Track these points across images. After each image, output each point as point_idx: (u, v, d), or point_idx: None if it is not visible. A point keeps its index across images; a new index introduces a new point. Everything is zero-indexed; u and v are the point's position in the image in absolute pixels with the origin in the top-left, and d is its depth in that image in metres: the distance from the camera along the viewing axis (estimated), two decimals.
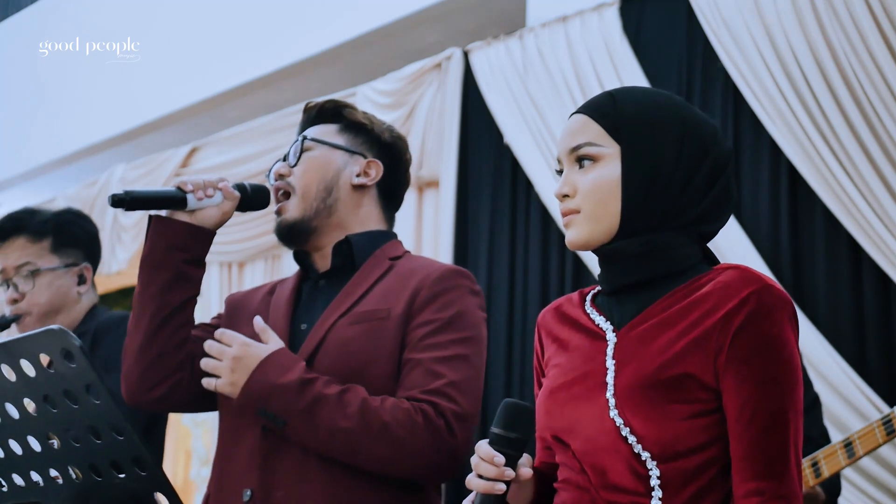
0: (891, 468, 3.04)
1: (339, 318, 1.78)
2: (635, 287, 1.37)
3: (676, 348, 1.30)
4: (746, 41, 3.42)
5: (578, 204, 1.36)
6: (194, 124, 6.22)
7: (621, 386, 1.31)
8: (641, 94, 1.41)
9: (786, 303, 1.30)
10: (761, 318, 1.28)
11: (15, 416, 1.31)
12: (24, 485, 1.36)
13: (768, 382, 1.26)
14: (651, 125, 1.36)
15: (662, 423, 1.28)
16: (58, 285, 2.40)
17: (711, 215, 1.38)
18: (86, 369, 1.22)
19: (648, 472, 1.28)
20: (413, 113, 4.48)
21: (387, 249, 1.89)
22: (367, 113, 1.98)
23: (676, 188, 1.34)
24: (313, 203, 1.86)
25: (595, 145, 1.36)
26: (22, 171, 7.21)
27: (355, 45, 5.29)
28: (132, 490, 1.29)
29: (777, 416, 1.26)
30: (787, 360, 1.27)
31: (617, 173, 1.35)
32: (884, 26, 3.11)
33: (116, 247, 5.82)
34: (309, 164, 1.88)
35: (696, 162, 1.36)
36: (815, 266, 3.27)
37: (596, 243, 1.37)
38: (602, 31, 3.87)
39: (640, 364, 1.31)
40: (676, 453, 1.27)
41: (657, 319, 1.33)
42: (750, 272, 1.32)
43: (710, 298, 1.31)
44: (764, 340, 1.27)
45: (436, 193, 4.42)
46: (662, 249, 1.35)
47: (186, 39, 6.21)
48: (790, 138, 3.29)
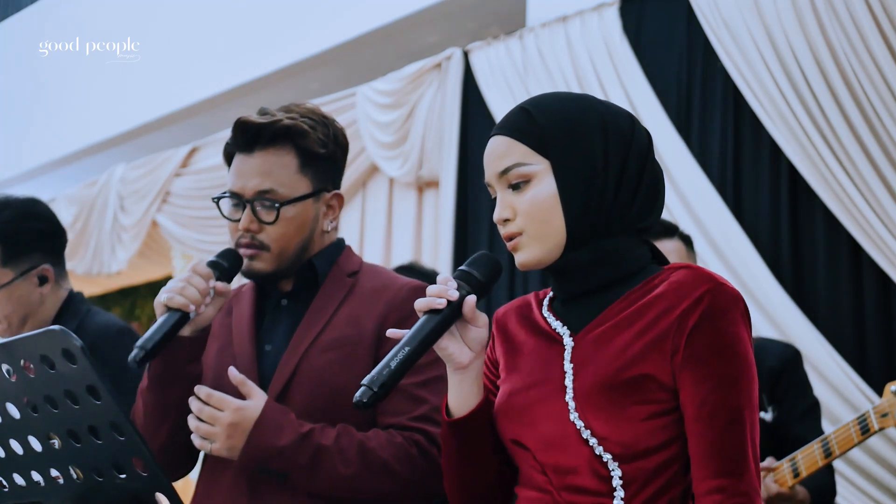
0: (889, 467, 3.04)
1: (310, 347, 1.77)
2: (590, 293, 1.37)
3: (634, 350, 1.30)
4: (746, 41, 3.42)
5: (521, 226, 1.35)
6: (194, 124, 6.23)
7: (580, 389, 1.31)
8: (555, 102, 1.38)
9: (738, 300, 1.30)
10: (716, 317, 1.28)
11: (16, 416, 1.31)
12: (25, 485, 1.36)
13: (725, 381, 1.28)
14: (573, 132, 1.34)
15: (623, 424, 1.28)
16: (17, 296, 2.31)
17: (647, 208, 1.37)
18: (87, 369, 1.22)
19: (610, 472, 1.29)
20: (413, 113, 4.48)
21: (342, 263, 1.87)
22: (314, 126, 1.85)
23: (612, 188, 1.34)
24: (288, 262, 1.82)
25: (524, 164, 1.34)
26: (22, 171, 7.22)
27: (355, 45, 5.29)
28: (133, 490, 1.29)
29: (734, 415, 1.27)
30: (742, 358, 1.28)
31: (553, 188, 1.33)
32: (884, 26, 3.11)
33: (116, 247, 5.82)
34: (286, 226, 1.79)
35: (622, 155, 1.34)
36: (815, 266, 3.27)
37: (548, 261, 1.35)
38: (602, 30, 3.87)
39: (598, 367, 1.31)
40: (637, 453, 1.28)
41: (613, 322, 1.33)
42: (702, 271, 1.33)
43: (664, 299, 1.31)
44: (720, 339, 1.28)
45: (436, 193, 4.42)
46: (612, 255, 1.35)
47: (186, 39, 6.21)
48: (790, 138, 3.29)
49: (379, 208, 4.63)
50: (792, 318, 3.23)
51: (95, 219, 5.91)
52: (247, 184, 1.81)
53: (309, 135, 1.82)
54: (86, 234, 5.99)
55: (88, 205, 5.94)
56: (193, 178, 5.46)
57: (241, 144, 1.83)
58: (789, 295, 3.27)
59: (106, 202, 5.89)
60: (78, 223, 6.03)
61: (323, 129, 1.86)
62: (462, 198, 4.28)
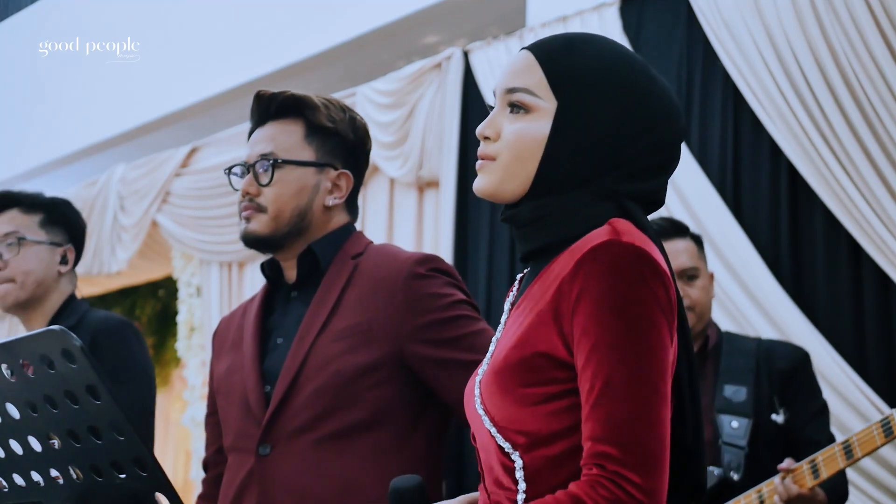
0: (891, 469, 3.04)
1: (318, 336, 1.76)
2: (538, 255, 1.25)
3: (525, 326, 1.18)
4: (746, 41, 3.42)
5: (497, 150, 1.25)
6: (194, 124, 6.23)
7: (485, 376, 1.21)
8: (600, 51, 1.25)
9: (631, 255, 1.12)
10: (601, 276, 1.12)
11: (16, 416, 1.31)
12: (25, 485, 1.36)
13: (601, 348, 1.10)
14: (599, 90, 1.22)
15: (517, 409, 1.16)
16: (41, 258, 2.43)
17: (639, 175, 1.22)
18: (87, 369, 1.22)
19: (513, 463, 1.17)
20: (413, 113, 4.48)
21: (348, 247, 1.86)
22: (327, 105, 1.88)
23: (603, 160, 1.21)
24: (285, 227, 1.83)
25: (532, 94, 1.24)
26: (22, 171, 7.22)
27: (355, 45, 5.29)
28: (133, 490, 1.29)
29: (610, 383, 1.09)
30: (627, 322, 1.11)
31: (544, 132, 1.22)
32: (884, 26, 3.11)
33: (116, 247, 5.81)
34: (282, 186, 1.82)
35: (633, 137, 1.22)
36: (815, 266, 3.27)
37: (502, 197, 1.25)
38: (602, 31, 3.87)
39: (500, 350, 1.20)
40: (537, 440, 1.15)
41: (534, 294, 1.21)
42: (609, 226, 1.16)
43: (561, 261, 1.18)
44: (602, 302, 1.11)
45: (436, 193, 4.42)
46: (556, 214, 1.22)
47: (186, 39, 6.21)
48: (790, 138, 3.29)
49: (379, 208, 4.63)
50: (791, 317, 3.23)
51: (95, 219, 5.91)
52: (252, 151, 1.86)
53: (318, 108, 1.85)
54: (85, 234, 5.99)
55: (88, 205, 5.93)
56: (193, 178, 5.46)
57: (255, 117, 1.89)
58: (789, 295, 3.26)
59: (106, 202, 5.89)
60: None
61: (338, 111, 1.88)
62: (462, 198, 4.28)
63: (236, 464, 1.80)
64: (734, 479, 2.38)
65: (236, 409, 1.82)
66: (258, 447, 1.75)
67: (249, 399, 1.79)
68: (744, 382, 2.49)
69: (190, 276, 5.52)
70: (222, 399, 1.88)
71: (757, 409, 2.46)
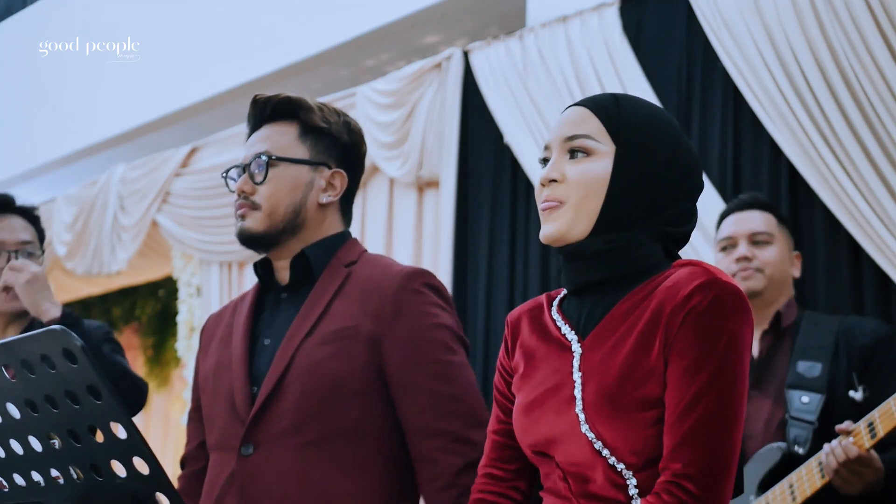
0: None
1: (305, 339, 1.77)
2: (597, 287, 1.36)
3: (638, 366, 1.29)
4: (746, 41, 3.42)
5: (565, 192, 1.36)
6: (194, 124, 6.23)
7: (588, 400, 1.31)
8: (644, 104, 1.43)
9: (733, 295, 1.28)
10: (703, 313, 1.26)
11: (16, 416, 1.32)
12: (25, 485, 1.36)
13: (703, 370, 1.25)
14: (650, 136, 1.38)
15: (632, 432, 1.28)
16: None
17: (680, 218, 1.41)
18: (87, 369, 1.23)
19: (626, 481, 1.29)
20: (413, 113, 4.48)
21: (342, 255, 1.88)
22: (321, 108, 1.92)
23: (657, 199, 1.37)
24: (280, 224, 1.85)
25: (593, 139, 1.37)
26: (22, 171, 7.21)
27: (355, 45, 5.29)
28: (133, 490, 1.29)
29: (698, 403, 1.24)
30: (722, 352, 1.25)
31: (607, 171, 1.35)
32: (884, 26, 3.11)
33: (116, 247, 5.81)
34: (276, 184, 1.85)
35: (679, 180, 1.39)
36: (815, 266, 3.26)
37: (569, 239, 1.36)
38: (602, 31, 3.87)
39: (604, 377, 1.31)
40: (650, 460, 1.28)
41: (618, 325, 1.33)
42: (700, 267, 1.32)
43: (657, 297, 1.31)
44: (702, 333, 1.26)
45: (436, 193, 4.42)
46: (624, 248, 1.35)
47: (186, 39, 6.21)
48: (790, 138, 3.29)
49: (379, 208, 4.62)
50: None
51: (95, 219, 5.90)
52: (248, 152, 1.89)
53: (312, 110, 1.89)
54: (85, 234, 5.99)
55: (88, 205, 5.93)
56: (193, 178, 5.45)
57: (251, 121, 1.93)
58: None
59: (106, 202, 5.89)
60: (78, 223, 6.02)
61: (332, 114, 1.92)
62: (462, 198, 4.27)
63: (219, 463, 1.80)
64: (799, 453, 2.34)
65: (222, 407, 1.82)
66: (241, 447, 1.75)
67: (236, 398, 1.79)
68: (819, 359, 2.45)
69: (190, 276, 5.52)
70: (208, 397, 1.88)
71: (831, 385, 2.41)
